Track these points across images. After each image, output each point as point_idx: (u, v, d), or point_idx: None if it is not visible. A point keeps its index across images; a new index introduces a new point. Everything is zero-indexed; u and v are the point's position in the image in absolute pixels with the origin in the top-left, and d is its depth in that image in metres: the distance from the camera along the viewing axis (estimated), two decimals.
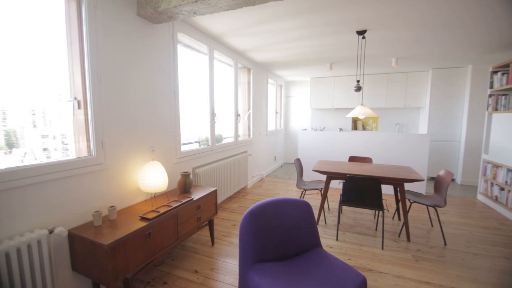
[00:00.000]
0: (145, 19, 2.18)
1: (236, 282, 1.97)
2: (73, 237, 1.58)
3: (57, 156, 1.80)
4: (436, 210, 2.65)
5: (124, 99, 1.99)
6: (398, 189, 2.73)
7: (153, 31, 2.28)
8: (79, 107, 1.74)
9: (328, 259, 1.58)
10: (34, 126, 1.69)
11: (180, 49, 2.69)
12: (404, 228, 2.90)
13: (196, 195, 2.28)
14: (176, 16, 2.12)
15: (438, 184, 2.80)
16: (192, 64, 3.06)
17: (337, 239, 2.69)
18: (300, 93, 7.07)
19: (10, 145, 1.57)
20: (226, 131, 3.94)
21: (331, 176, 2.91)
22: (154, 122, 2.31)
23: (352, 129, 6.33)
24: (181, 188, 2.36)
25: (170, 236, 1.93)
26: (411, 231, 2.90)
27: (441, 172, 2.81)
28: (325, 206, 3.71)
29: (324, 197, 2.98)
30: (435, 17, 2.56)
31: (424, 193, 4.05)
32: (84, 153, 1.77)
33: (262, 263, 1.56)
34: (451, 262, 2.26)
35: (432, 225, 3.04)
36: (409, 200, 2.76)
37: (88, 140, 1.76)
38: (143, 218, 1.77)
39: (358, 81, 3.27)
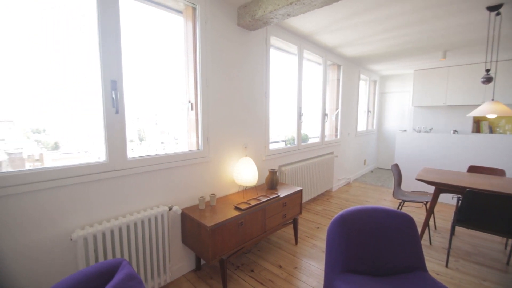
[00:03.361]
0: (243, 28, 2.39)
1: (319, 286, 1.92)
2: (184, 215, 1.91)
3: (170, 148, 2.20)
4: None
5: (224, 101, 2.25)
6: None
7: (249, 37, 2.47)
8: (191, 109, 2.08)
9: None
10: (156, 124, 2.13)
11: (271, 52, 2.81)
12: None
13: (282, 193, 2.34)
14: (271, 20, 2.23)
15: None
16: (281, 65, 3.15)
17: (446, 266, 2.21)
18: (398, 89, 6.16)
19: (141, 138, 2.04)
20: (312, 131, 3.87)
21: (441, 188, 2.41)
22: (247, 121, 2.51)
23: (473, 132, 5.03)
24: (268, 184, 2.48)
25: (258, 228, 2.06)
26: None
27: None
28: (431, 223, 3.11)
29: (430, 212, 2.50)
30: None
31: None
32: (194, 147, 2.11)
33: (351, 273, 1.46)
34: None
35: None
36: None
37: (197, 136, 2.09)
38: (236, 208, 1.96)
39: (488, 71, 2.56)
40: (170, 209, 1.83)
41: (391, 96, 6.31)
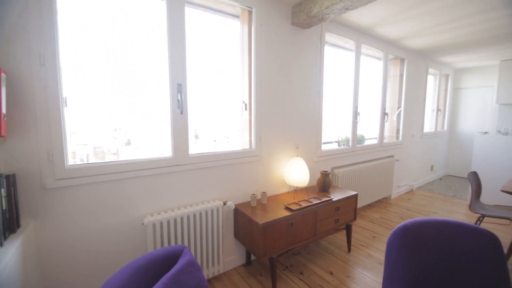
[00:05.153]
0: (297, 26, 2.36)
1: None
2: (237, 211, 2.00)
3: (221, 147, 2.29)
4: None
5: (276, 101, 2.27)
6: None
7: (303, 36, 2.42)
8: (245, 109, 2.16)
9: None
10: (210, 124, 2.26)
11: (325, 48, 2.71)
12: None
13: (335, 196, 2.24)
14: (327, 16, 2.15)
15: None
16: (336, 62, 3.01)
17: None
18: (477, 84, 5.24)
19: (196, 136, 2.19)
20: (369, 132, 3.59)
21: None
22: (299, 121, 2.48)
23: None
24: (320, 186, 2.40)
25: (309, 230, 2.02)
26: None
27: None
28: None
29: None
30: None
31: None
32: (247, 146, 2.19)
33: None
34: None
35: None
36: None
37: (250, 135, 2.16)
38: (287, 208, 1.96)
39: None
40: (224, 204, 1.93)
41: (468, 92, 5.41)
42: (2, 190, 1.13)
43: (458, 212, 3.44)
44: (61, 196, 1.40)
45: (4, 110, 1.13)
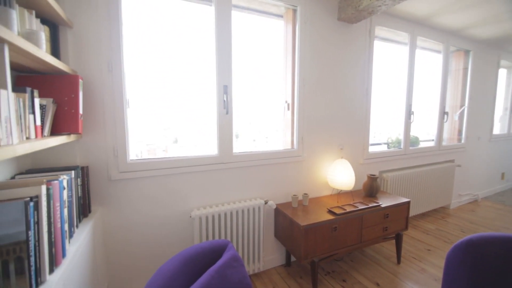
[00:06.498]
0: (344, 21, 2.25)
1: None
2: (278, 211, 1.99)
3: (260, 146, 2.29)
4: None
5: (320, 100, 2.20)
6: None
7: (350, 31, 2.30)
8: (288, 109, 2.14)
9: None
10: (250, 123, 2.28)
11: (374, 43, 2.53)
12: None
13: (384, 202, 2.08)
14: (378, 9, 2.01)
15: None
16: (386, 57, 2.79)
17: None
18: None
19: (236, 135, 2.23)
20: (424, 133, 3.25)
21: None
22: (344, 120, 2.36)
23: None
24: (366, 190, 2.25)
25: (353, 236, 1.91)
26: None
27: None
28: None
29: None
30: None
31: None
32: (288, 146, 2.17)
33: None
34: None
35: None
36: None
37: (292, 135, 2.13)
38: (330, 212, 1.88)
39: None
40: (265, 203, 1.95)
41: None
42: (78, 179, 1.31)
43: None
44: (122, 187, 1.57)
45: (81, 111, 1.31)
